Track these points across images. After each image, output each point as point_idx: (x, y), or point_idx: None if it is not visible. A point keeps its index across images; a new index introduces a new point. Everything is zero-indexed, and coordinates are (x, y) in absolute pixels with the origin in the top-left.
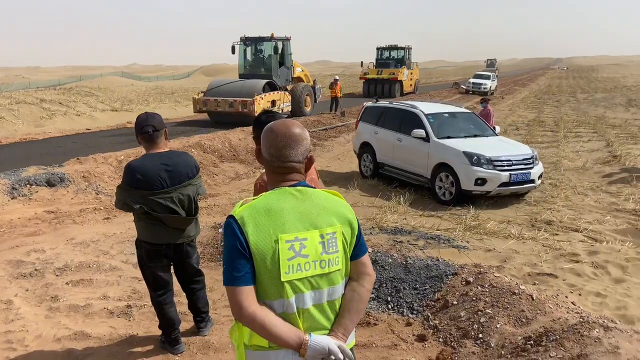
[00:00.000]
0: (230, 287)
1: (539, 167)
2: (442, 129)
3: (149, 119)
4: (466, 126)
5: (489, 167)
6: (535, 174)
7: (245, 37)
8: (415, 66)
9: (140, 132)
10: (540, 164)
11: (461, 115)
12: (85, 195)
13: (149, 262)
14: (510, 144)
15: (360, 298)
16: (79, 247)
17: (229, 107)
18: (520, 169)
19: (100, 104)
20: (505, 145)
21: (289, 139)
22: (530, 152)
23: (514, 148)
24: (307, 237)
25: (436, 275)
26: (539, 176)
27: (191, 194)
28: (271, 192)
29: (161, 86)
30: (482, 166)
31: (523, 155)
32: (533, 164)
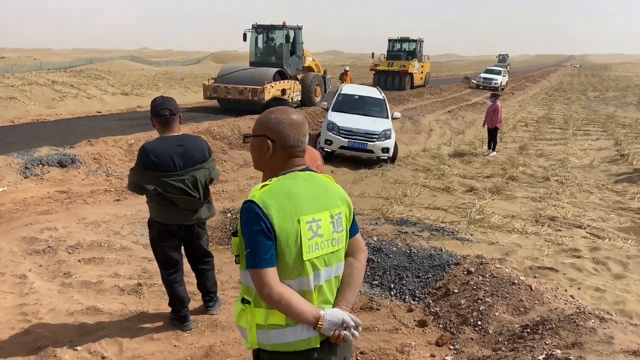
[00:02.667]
0: (257, 269)
1: (386, 143)
2: (343, 105)
3: (165, 102)
4: (366, 107)
5: (335, 133)
6: (375, 147)
7: (257, 25)
8: (426, 59)
9: (157, 114)
10: (388, 142)
11: (370, 100)
12: (96, 177)
13: (160, 242)
14: (372, 123)
15: (358, 272)
16: (91, 227)
17: (238, 95)
18: (360, 140)
19: (110, 87)
20: (367, 123)
21: (301, 125)
22: (380, 131)
23: (369, 125)
24: (321, 218)
25: (439, 264)
26: (383, 150)
27: (204, 177)
28: (283, 176)
29: (171, 71)
30: (332, 131)
31: (369, 131)
32: (377, 139)
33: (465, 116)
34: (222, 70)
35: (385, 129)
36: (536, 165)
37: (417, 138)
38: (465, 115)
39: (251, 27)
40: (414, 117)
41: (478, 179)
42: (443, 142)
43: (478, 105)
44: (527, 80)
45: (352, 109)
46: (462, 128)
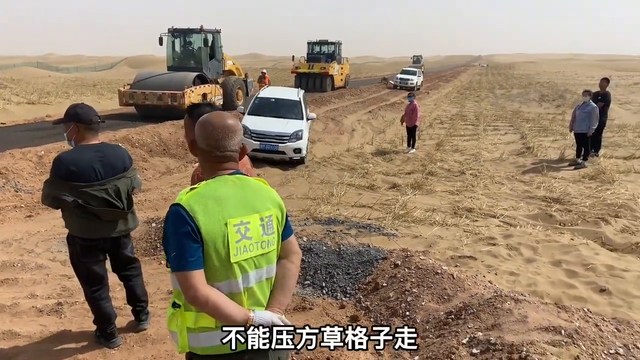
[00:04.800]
0: (183, 272)
1: (297, 144)
2: (259, 108)
3: (92, 109)
4: (281, 109)
5: (247, 137)
6: (287, 148)
7: (174, 29)
8: (345, 61)
9: (86, 122)
10: (300, 142)
11: (286, 102)
12: (3, 192)
13: (83, 258)
14: (284, 124)
15: (292, 274)
16: (1, 247)
17: (157, 100)
18: (271, 142)
19: (14, 97)
20: (279, 125)
21: (226, 129)
22: (291, 132)
23: (281, 128)
24: (250, 221)
25: (367, 260)
26: (295, 150)
27: (126, 187)
28: (212, 180)
29: (82, 78)
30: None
31: (279, 133)
32: (288, 141)
33: (385, 116)
34: (139, 76)
35: (297, 130)
36: (452, 160)
37: (340, 138)
38: (385, 114)
39: (167, 31)
40: (337, 118)
41: (400, 176)
42: (365, 142)
43: (396, 104)
44: (440, 80)
45: (268, 112)
46: (382, 127)
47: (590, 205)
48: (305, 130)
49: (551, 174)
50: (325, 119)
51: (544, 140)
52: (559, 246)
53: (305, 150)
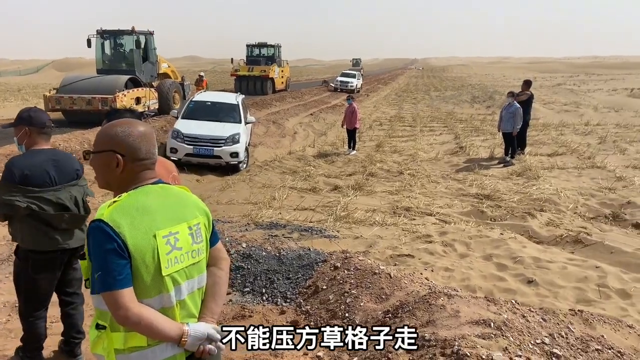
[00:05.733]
0: (112, 292)
1: (234, 148)
2: (194, 112)
3: (45, 114)
4: (218, 113)
5: (180, 141)
6: (223, 152)
7: (103, 30)
8: (285, 64)
9: (40, 125)
10: (237, 146)
11: (223, 105)
12: None
13: (36, 274)
14: (220, 128)
15: (222, 281)
16: None
17: (87, 105)
18: (206, 146)
19: None
20: (215, 128)
21: (151, 137)
22: (227, 136)
23: (217, 131)
24: (178, 231)
25: (307, 263)
26: (232, 154)
27: (80, 195)
28: (134, 191)
29: (5, 83)
30: (176, 139)
31: (214, 136)
32: (224, 144)
33: (326, 118)
34: (66, 80)
35: (234, 134)
36: (391, 161)
37: (282, 141)
38: (326, 117)
39: (96, 33)
40: (278, 121)
41: (341, 178)
42: (307, 144)
43: (337, 107)
44: (379, 83)
45: (203, 115)
46: (324, 130)
47: (518, 201)
48: (244, 134)
49: (482, 172)
50: (267, 122)
51: (475, 139)
52: (489, 241)
53: (244, 155)
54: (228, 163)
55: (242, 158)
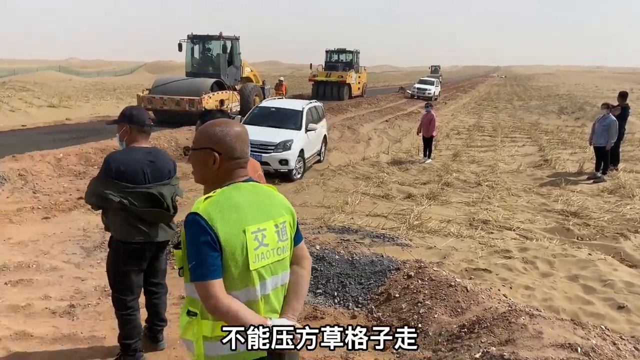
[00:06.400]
0: (204, 281)
1: (284, 155)
2: (257, 117)
3: (145, 113)
4: (279, 119)
5: None
6: (271, 158)
7: (193, 35)
8: (363, 70)
9: (140, 123)
10: (287, 153)
11: (286, 111)
12: (21, 194)
13: (125, 266)
14: (273, 134)
15: (304, 280)
16: (17, 247)
17: (175, 106)
18: (255, 151)
19: (36, 100)
20: (268, 134)
21: (245, 137)
22: (276, 142)
23: (268, 137)
24: (266, 228)
25: (380, 270)
26: (281, 162)
27: (170, 194)
28: (227, 187)
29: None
30: None
31: (264, 142)
32: (273, 151)
33: (402, 125)
34: (157, 81)
35: (286, 140)
36: (469, 171)
37: (356, 147)
38: (402, 124)
39: (187, 37)
40: (353, 127)
41: (415, 186)
42: (381, 151)
43: (413, 114)
44: (458, 90)
45: (265, 121)
46: (399, 136)
47: (609, 220)
48: (299, 141)
49: (569, 187)
50: (342, 127)
51: (562, 152)
52: (576, 261)
53: (295, 163)
54: (277, 170)
55: (293, 166)
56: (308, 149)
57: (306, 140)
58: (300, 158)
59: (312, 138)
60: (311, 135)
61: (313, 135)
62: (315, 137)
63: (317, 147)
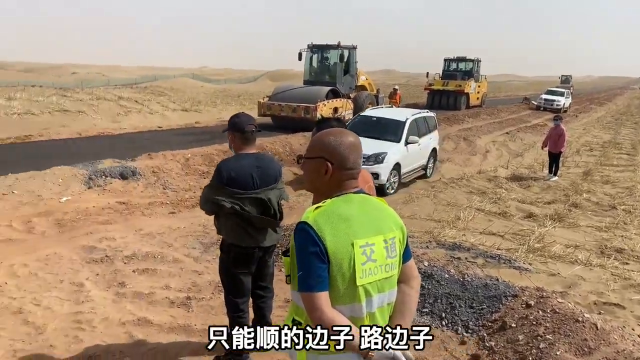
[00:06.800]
0: (310, 292)
1: (375, 168)
2: (356, 126)
3: (250, 118)
4: (379, 129)
5: None
6: None
7: (313, 45)
8: (483, 79)
9: (241, 130)
10: (379, 167)
11: (387, 121)
12: (153, 189)
13: (235, 268)
14: (368, 145)
15: (412, 300)
16: (146, 238)
17: (292, 112)
18: None
19: (171, 104)
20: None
21: (358, 147)
22: (368, 154)
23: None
24: (374, 242)
25: (495, 295)
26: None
27: (276, 198)
28: (337, 198)
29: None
30: None
31: None
32: (364, 164)
33: (525, 138)
34: (277, 89)
35: (379, 153)
36: (602, 192)
37: (471, 159)
38: (525, 137)
39: (307, 47)
40: (469, 138)
41: (538, 205)
42: (500, 165)
43: (538, 127)
44: (591, 103)
45: (364, 131)
46: (520, 150)
47: None
48: (395, 154)
49: None
50: (457, 138)
51: None
52: None
53: (388, 177)
54: None
55: (385, 180)
56: (407, 163)
57: (404, 153)
58: (395, 172)
59: (414, 151)
60: (412, 149)
61: (415, 148)
62: (419, 150)
63: (421, 161)
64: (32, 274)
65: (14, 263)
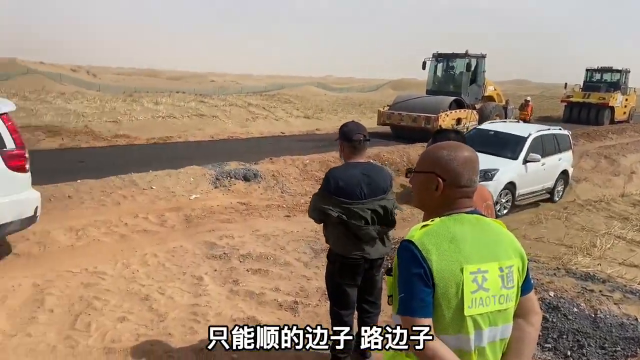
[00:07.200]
0: (411, 317)
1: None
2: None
3: (359, 127)
4: (495, 144)
5: None
6: None
7: (438, 53)
8: (632, 92)
9: (349, 139)
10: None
11: (504, 136)
12: (272, 192)
13: (341, 278)
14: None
15: (530, 338)
16: (261, 239)
17: (412, 122)
18: None
19: (295, 111)
20: None
21: (475, 163)
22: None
23: None
24: (488, 270)
25: (632, 337)
26: None
27: (384, 209)
28: (448, 217)
29: (350, 97)
30: None
31: None
32: None
33: None
34: (398, 98)
35: (488, 169)
36: None
37: (613, 180)
38: None
39: (432, 56)
40: (612, 156)
41: None
42: None
43: None
44: None
45: (479, 145)
46: None
47: None
48: (507, 172)
49: None
50: (597, 156)
51: None
52: None
53: (498, 197)
54: None
55: (495, 199)
56: (524, 184)
57: (521, 172)
58: (507, 192)
59: (535, 172)
60: (533, 168)
61: (536, 168)
62: (542, 171)
63: (546, 183)
64: (160, 264)
65: (147, 252)
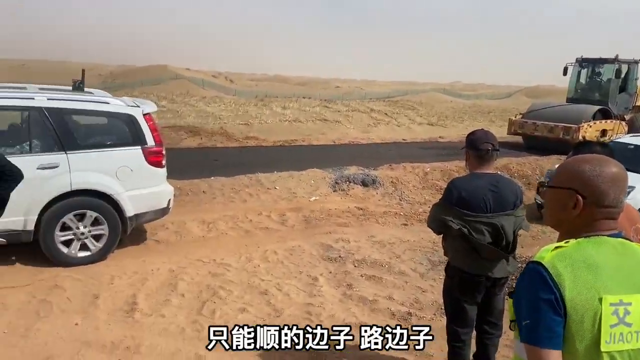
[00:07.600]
0: (537, 347)
1: None
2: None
3: (487, 136)
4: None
5: None
6: None
7: (583, 59)
8: None
9: (476, 148)
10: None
11: None
12: (390, 199)
13: (461, 294)
14: None
15: None
16: (377, 246)
17: (547, 132)
18: None
19: (418, 118)
20: None
21: (624, 181)
22: None
23: None
24: (631, 302)
25: None
26: None
27: (511, 227)
28: (586, 240)
29: (479, 105)
30: None
31: None
32: None
33: None
34: (533, 106)
35: None
36: None
37: None
38: None
39: (575, 61)
40: None
41: None
42: None
43: None
44: None
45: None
46: None
47: None
48: None
49: None
50: None
51: None
52: None
53: None
54: None
55: None
56: None
57: None
58: None
59: None
60: None
61: None
62: None
63: None
64: (279, 261)
65: (267, 249)
